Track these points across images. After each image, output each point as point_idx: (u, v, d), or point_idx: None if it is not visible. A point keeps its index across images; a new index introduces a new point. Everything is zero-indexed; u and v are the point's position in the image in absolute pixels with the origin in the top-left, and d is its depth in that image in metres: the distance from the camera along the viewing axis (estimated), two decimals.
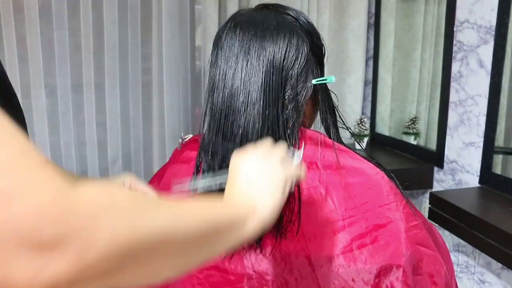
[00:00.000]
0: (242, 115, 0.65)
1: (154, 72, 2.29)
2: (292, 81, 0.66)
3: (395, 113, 2.30)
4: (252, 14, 0.70)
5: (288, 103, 0.66)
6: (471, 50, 1.69)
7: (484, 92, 1.64)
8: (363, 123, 2.23)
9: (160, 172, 0.81)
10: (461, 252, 1.81)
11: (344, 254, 0.63)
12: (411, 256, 0.64)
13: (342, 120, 0.74)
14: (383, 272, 0.62)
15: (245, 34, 0.66)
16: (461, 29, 1.73)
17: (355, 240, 0.63)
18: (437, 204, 1.59)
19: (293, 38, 0.67)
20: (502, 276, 1.62)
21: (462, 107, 1.75)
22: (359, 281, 0.62)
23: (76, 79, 2.23)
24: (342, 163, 0.67)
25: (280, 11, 0.70)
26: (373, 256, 0.62)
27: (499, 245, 1.31)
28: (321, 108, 0.72)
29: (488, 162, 1.62)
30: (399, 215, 0.65)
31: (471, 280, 1.76)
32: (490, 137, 1.61)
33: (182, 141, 0.81)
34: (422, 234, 0.68)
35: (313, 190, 0.66)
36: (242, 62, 0.65)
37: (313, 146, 0.68)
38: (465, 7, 1.71)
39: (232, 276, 0.65)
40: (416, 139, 2.11)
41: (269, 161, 0.54)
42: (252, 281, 0.64)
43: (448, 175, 1.86)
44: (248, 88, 0.65)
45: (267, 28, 0.66)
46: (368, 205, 0.65)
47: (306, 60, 0.67)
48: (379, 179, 0.67)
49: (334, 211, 0.65)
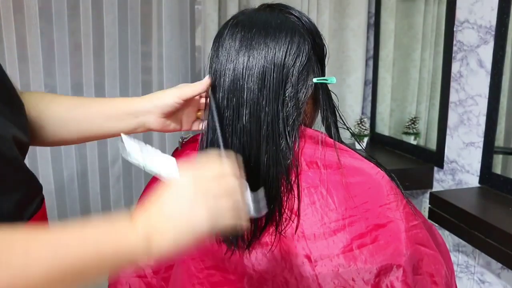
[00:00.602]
0: (242, 111, 0.65)
1: (154, 72, 2.29)
2: (293, 79, 0.66)
3: (395, 113, 2.30)
4: (254, 13, 0.70)
5: (289, 100, 0.66)
6: (471, 50, 1.69)
7: (484, 92, 1.64)
8: (363, 123, 2.23)
9: None
10: (461, 252, 1.81)
11: (344, 254, 0.63)
12: (411, 255, 0.64)
13: (342, 120, 0.74)
14: (383, 272, 0.62)
15: (247, 31, 0.66)
16: (461, 29, 1.73)
17: (355, 239, 0.63)
18: (437, 204, 1.59)
19: (295, 36, 0.67)
20: (502, 276, 1.62)
21: (462, 107, 1.75)
22: (359, 281, 0.62)
23: (76, 79, 2.23)
24: (343, 162, 0.67)
25: (283, 11, 0.71)
26: (373, 256, 0.62)
27: (499, 245, 1.31)
28: (321, 108, 0.72)
29: (488, 162, 1.62)
30: (399, 215, 0.65)
31: (471, 280, 1.76)
32: (490, 137, 1.61)
33: (182, 141, 0.81)
34: (422, 233, 0.68)
35: (313, 190, 0.66)
36: (243, 57, 0.65)
37: (314, 145, 0.68)
38: (465, 7, 1.71)
39: (232, 275, 0.65)
40: (416, 139, 2.12)
41: (208, 207, 0.48)
42: (252, 281, 0.64)
43: (448, 175, 1.86)
44: (249, 84, 0.65)
45: (270, 26, 0.66)
46: (368, 205, 0.65)
47: (307, 58, 0.67)
48: (380, 179, 0.67)
49: (334, 211, 0.65)
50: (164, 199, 0.49)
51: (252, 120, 0.64)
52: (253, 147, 0.64)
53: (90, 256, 0.44)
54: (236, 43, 0.66)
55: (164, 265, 0.73)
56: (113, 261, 0.46)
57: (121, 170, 2.43)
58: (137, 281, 0.74)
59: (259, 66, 0.65)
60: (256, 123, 0.64)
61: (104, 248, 0.45)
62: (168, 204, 0.49)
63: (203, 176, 0.50)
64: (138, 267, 0.74)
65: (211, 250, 0.67)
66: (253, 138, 0.64)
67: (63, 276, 0.42)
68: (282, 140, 0.65)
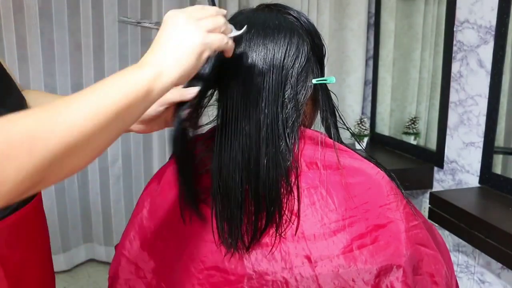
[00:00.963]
0: (241, 112, 0.64)
1: None
2: (292, 80, 0.66)
3: (395, 113, 2.30)
4: (253, 14, 0.70)
5: (288, 102, 0.66)
6: (471, 50, 1.69)
7: (484, 92, 1.64)
8: (363, 123, 2.23)
9: (160, 172, 0.81)
10: (461, 252, 1.81)
11: (344, 254, 0.63)
12: (411, 256, 0.64)
13: (342, 120, 0.74)
14: (383, 272, 0.62)
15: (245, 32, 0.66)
16: (461, 29, 1.73)
17: (355, 240, 0.63)
18: (437, 204, 1.59)
19: (294, 37, 0.66)
20: (502, 276, 1.62)
21: (462, 107, 1.75)
22: (359, 281, 0.62)
23: (76, 79, 2.23)
24: (342, 163, 0.67)
25: (282, 11, 0.70)
26: (373, 256, 0.62)
27: (499, 245, 1.31)
28: (321, 108, 0.72)
29: (488, 162, 1.62)
30: (399, 215, 0.65)
31: (471, 280, 1.76)
32: (490, 137, 1.61)
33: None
34: (423, 234, 0.68)
35: (313, 190, 0.66)
36: (242, 58, 0.65)
37: (313, 146, 0.68)
38: (465, 7, 1.71)
39: (232, 276, 0.65)
40: (416, 139, 2.12)
41: (196, 24, 0.54)
42: (252, 281, 0.64)
43: (448, 175, 1.86)
44: (248, 86, 0.64)
45: (268, 26, 0.66)
46: (368, 205, 0.65)
47: (306, 59, 0.67)
48: (380, 179, 0.67)
49: (334, 211, 0.64)
50: (161, 33, 0.55)
51: (251, 123, 0.64)
52: (252, 150, 0.64)
53: (118, 96, 0.48)
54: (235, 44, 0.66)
55: (164, 266, 0.73)
56: (137, 98, 0.49)
57: (121, 170, 2.43)
58: (137, 281, 0.74)
59: (258, 67, 0.64)
60: (256, 125, 0.64)
61: (127, 88, 0.49)
62: (166, 33, 0.54)
63: (191, 9, 0.57)
64: (138, 268, 0.74)
65: (211, 251, 0.67)
66: (253, 141, 0.64)
67: (107, 117, 0.46)
68: (281, 142, 0.65)
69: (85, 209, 2.46)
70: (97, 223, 2.48)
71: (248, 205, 0.65)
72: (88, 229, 2.49)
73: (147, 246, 0.74)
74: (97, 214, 2.46)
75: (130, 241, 0.75)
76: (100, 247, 2.51)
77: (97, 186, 2.43)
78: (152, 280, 0.73)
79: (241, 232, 0.65)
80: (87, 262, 2.56)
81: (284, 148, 0.65)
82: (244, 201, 0.65)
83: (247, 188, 0.64)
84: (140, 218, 0.76)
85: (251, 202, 0.65)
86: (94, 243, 2.52)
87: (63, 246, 2.40)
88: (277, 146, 0.64)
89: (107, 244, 2.49)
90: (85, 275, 2.45)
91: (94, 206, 2.46)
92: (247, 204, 0.65)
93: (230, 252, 0.65)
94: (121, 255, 0.75)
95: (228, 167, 0.64)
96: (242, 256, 0.65)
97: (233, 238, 0.65)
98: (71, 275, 2.44)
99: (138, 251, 0.74)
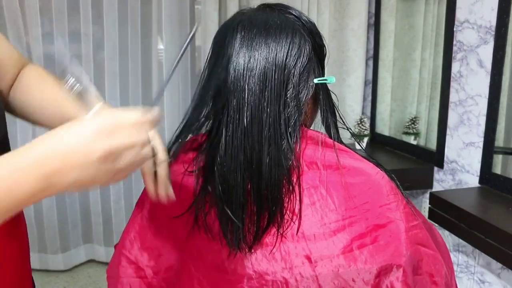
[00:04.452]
0: (243, 113, 0.64)
1: (154, 72, 2.29)
2: (294, 80, 0.66)
3: (395, 113, 2.30)
4: (254, 13, 0.70)
5: (290, 101, 0.66)
6: (471, 50, 1.69)
7: (484, 92, 1.64)
8: (363, 123, 2.23)
9: None
10: (461, 252, 1.81)
11: (344, 254, 0.63)
12: (411, 256, 0.64)
13: (342, 120, 0.74)
14: (383, 272, 0.62)
15: (247, 31, 0.66)
16: (461, 29, 1.73)
17: (355, 240, 0.63)
18: (437, 204, 1.59)
19: (296, 37, 0.66)
20: (502, 276, 1.62)
21: (462, 107, 1.75)
22: (359, 281, 0.62)
23: None
24: (342, 163, 0.67)
25: (283, 11, 0.70)
26: (373, 256, 0.62)
27: (499, 245, 1.31)
28: (321, 108, 0.72)
29: (488, 162, 1.62)
30: (399, 215, 0.65)
31: (471, 280, 1.76)
32: (490, 137, 1.61)
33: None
34: (422, 234, 0.68)
35: (313, 190, 0.66)
36: (244, 58, 0.65)
37: (314, 146, 0.68)
38: (465, 7, 1.71)
39: (232, 276, 0.65)
40: (416, 139, 2.12)
41: (108, 170, 0.51)
42: (252, 281, 0.64)
43: (448, 175, 1.86)
44: (250, 85, 0.64)
45: (270, 26, 0.66)
46: (368, 205, 0.65)
47: (308, 59, 0.67)
48: (380, 179, 0.67)
49: (334, 211, 0.65)
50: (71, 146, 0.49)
51: (253, 122, 0.64)
52: (255, 149, 0.64)
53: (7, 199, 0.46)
54: (236, 44, 0.65)
55: (164, 266, 0.73)
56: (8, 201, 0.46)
57: None
58: (137, 281, 0.74)
59: (260, 67, 0.64)
60: (258, 124, 0.64)
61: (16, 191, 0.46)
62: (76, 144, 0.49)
63: (117, 140, 0.50)
64: (138, 268, 0.74)
65: (211, 251, 0.67)
66: (255, 140, 0.64)
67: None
68: (283, 141, 0.65)
69: (85, 209, 2.46)
70: (97, 224, 2.47)
71: (250, 205, 0.65)
72: (88, 229, 2.49)
73: (148, 246, 0.74)
74: (97, 214, 2.46)
75: (130, 241, 0.75)
76: (100, 248, 2.51)
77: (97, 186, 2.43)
78: (152, 280, 0.73)
79: (243, 232, 0.65)
80: (87, 262, 2.56)
81: (286, 147, 0.65)
82: (246, 201, 0.65)
83: (248, 187, 0.64)
84: (140, 218, 0.76)
85: (253, 202, 0.65)
86: (94, 244, 2.52)
87: (63, 246, 2.40)
88: (279, 145, 0.64)
89: (107, 245, 2.49)
90: (85, 275, 2.45)
91: (94, 206, 2.45)
92: (249, 203, 0.65)
93: (233, 253, 0.65)
94: (121, 255, 0.75)
95: (229, 166, 0.64)
96: (242, 256, 0.65)
97: (236, 238, 0.65)
98: (71, 275, 2.44)
99: (138, 251, 0.74)
